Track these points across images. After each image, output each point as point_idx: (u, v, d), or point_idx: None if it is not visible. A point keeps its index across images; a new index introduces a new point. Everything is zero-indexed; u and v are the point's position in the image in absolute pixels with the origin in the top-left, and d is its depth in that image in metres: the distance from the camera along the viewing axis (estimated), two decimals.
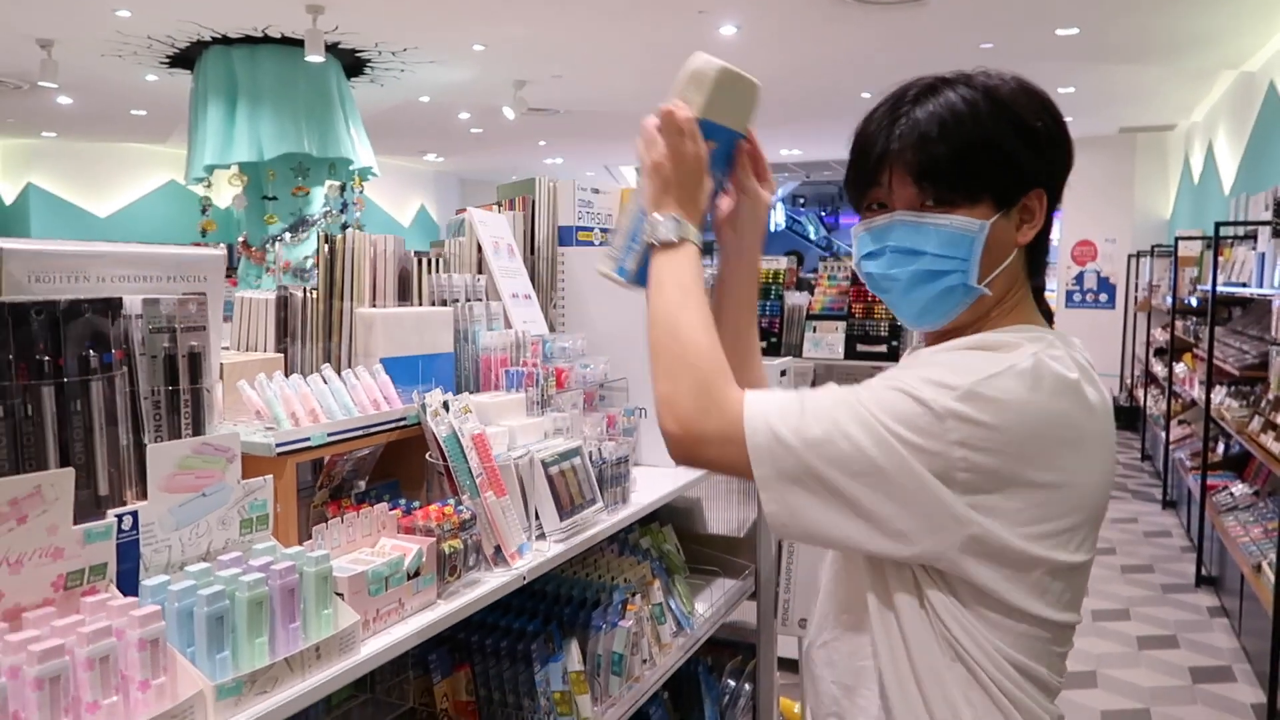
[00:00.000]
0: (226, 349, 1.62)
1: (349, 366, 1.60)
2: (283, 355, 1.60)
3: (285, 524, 1.29)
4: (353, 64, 7.91)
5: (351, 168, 7.51)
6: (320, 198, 7.54)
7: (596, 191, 2.33)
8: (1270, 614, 3.80)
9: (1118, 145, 10.96)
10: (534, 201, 2.27)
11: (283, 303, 1.64)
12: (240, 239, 7.39)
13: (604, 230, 2.35)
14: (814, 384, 4.77)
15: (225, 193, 8.07)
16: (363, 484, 1.54)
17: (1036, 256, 1.14)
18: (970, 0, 6.08)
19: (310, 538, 1.25)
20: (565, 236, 2.26)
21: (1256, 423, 5.06)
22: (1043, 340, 1.05)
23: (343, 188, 7.66)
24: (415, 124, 10.97)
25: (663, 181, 1.16)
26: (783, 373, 2.59)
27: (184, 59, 7.63)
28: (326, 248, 1.67)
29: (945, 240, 1.07)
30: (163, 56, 7.70)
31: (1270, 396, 4.78)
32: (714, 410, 1.05)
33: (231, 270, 7.32)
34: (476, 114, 10.51)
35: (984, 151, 1.06)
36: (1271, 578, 3.87)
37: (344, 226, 7.99)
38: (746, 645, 2.74)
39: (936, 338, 1.14)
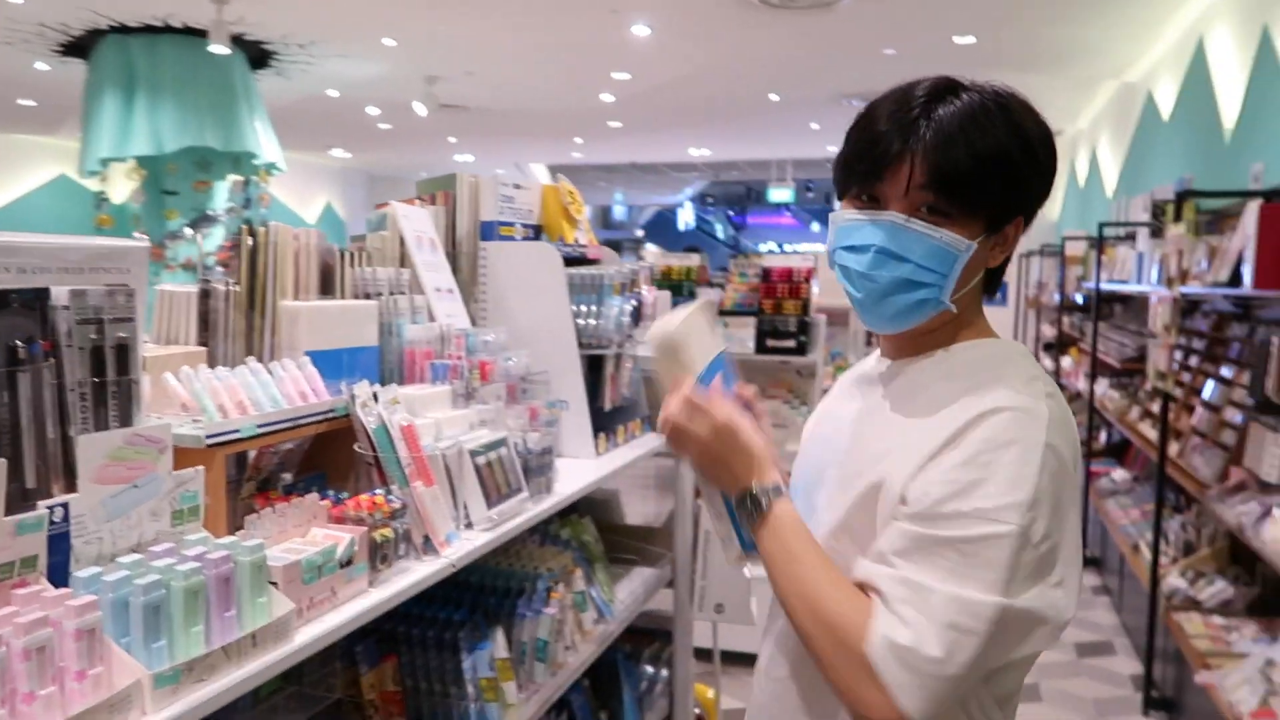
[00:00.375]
0: (146, 343, 1.61)
1: (273, 360, 1.60)
2: (205, 349, 1.59)
3: (215, 516, 1.30)
4: (258, 56, 7.71)
5: (256, 162, 7.32)
6: (223, 193, 7.34)
7: (518, 187, 2.37)
8: (1147, 591, 4.06)
9: None
10: (455, 197, 2.29)
11: (205, 295, 1.63)
12: (137, 235, 7.13)
13: (526, 226, 2.39)
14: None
15: (121, 187, 7.77)
16: (290, 476, 1.54)
17: (995, 276, 1.16)
18: (875, 7, 6.29)
19: (239, 530, 1.26)
20: (487, 232, 2.28)
21: (1135, 412, 5.39)
22: (1037, 379, 1.08)
23: (246, 183, 7.47)
24: (322, 119, 10.74)
25: (713, 467, 1.14)
26: None
27: (78, 47, 7.32)
28: (249, 240, 1.67)
29: (931, 252, 1.06)
30: (55, 44, 7.37)
31: (1147, 387, 5.10)
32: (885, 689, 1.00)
33: None
34: (386, 109, 10.35)
35: (997, 169, 1.05)
36: (1148, 556, 4.14)
37: (247, 223, 7.77)
38: (663, 632, 2.81)
39: (896, 338, 1.17)
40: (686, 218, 23.19)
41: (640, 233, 23.33)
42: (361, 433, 1.51)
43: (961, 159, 1.03)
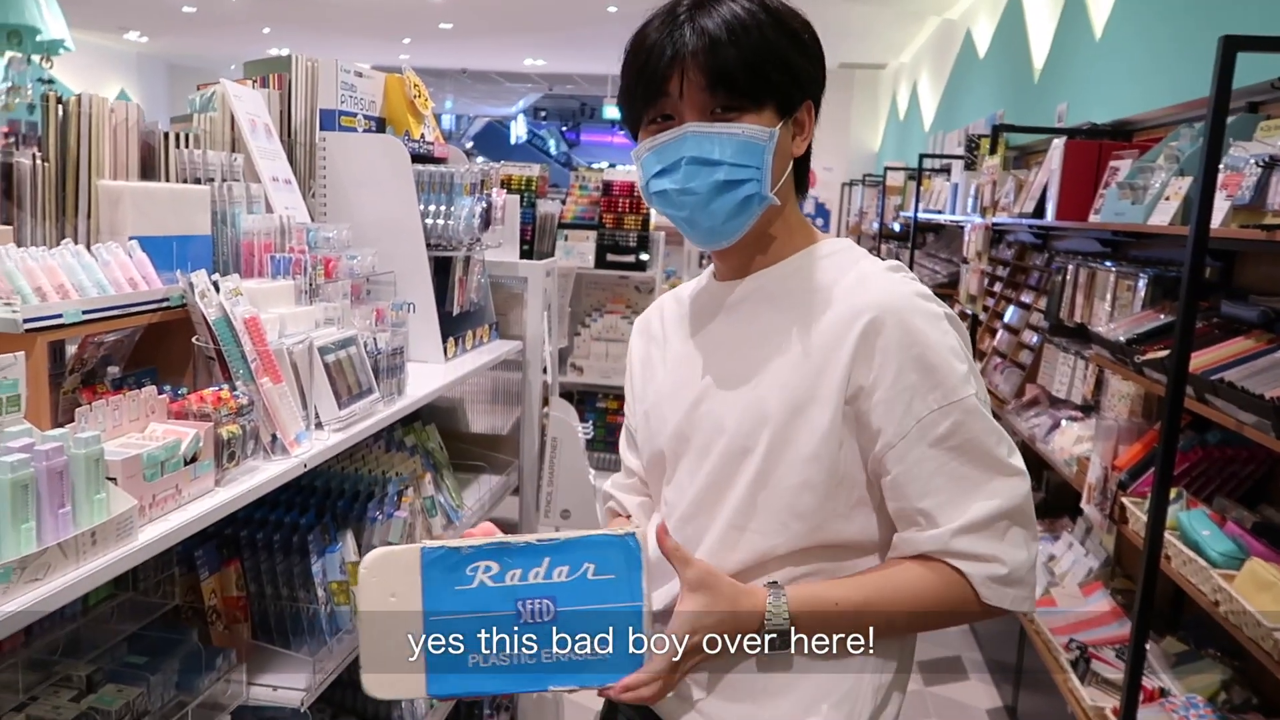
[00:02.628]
0: None
1: (93, 244, 1.45)
2: (10, 227, 1.42)
3: (37, 410, 1.17)
4: None
5: (40, 39, 6.52)
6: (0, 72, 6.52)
7: (360, 75, 2.22)
8: None
9: (837, 79, 11.65)
10: (290, 81, 2.13)
11: (7, 170, 1.45)
12: None
13: (368, 118, 2.25)
14: (573, 289, 4.80)
15: None
16: (117, 370, 1.42)
17: (801, 173, 1.18)
18: None
19: (65, 426, 1.15)
20: (327, 121, 2.14)
21: None
22: (895, 266, 1.14)
23: (27, 61, 6.66)
24: None
25: (709, 636, 1.06)
26: (548, 273, 2.64)
27: None
28: (59, 110, 1.49)
29: (739, 149, 1.08)
30: None
31: (956, 311, 5.47)
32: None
33: None
34: None
35: (771, 58, 1.08)
36: None
37: (30, 108, 6.98)
38: None
39: (728, 256, 1.17)
40: (519, 131, 22.65)
41: (469, 144, 22.62)
42: (201, 324, 1.40)
43: (733, 57, 1.06)
